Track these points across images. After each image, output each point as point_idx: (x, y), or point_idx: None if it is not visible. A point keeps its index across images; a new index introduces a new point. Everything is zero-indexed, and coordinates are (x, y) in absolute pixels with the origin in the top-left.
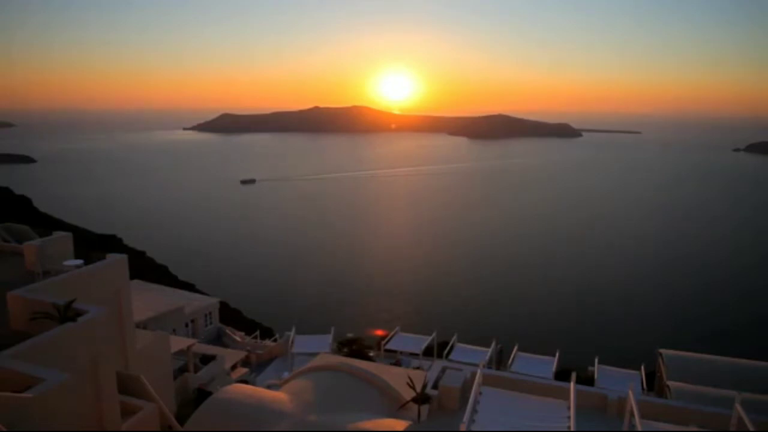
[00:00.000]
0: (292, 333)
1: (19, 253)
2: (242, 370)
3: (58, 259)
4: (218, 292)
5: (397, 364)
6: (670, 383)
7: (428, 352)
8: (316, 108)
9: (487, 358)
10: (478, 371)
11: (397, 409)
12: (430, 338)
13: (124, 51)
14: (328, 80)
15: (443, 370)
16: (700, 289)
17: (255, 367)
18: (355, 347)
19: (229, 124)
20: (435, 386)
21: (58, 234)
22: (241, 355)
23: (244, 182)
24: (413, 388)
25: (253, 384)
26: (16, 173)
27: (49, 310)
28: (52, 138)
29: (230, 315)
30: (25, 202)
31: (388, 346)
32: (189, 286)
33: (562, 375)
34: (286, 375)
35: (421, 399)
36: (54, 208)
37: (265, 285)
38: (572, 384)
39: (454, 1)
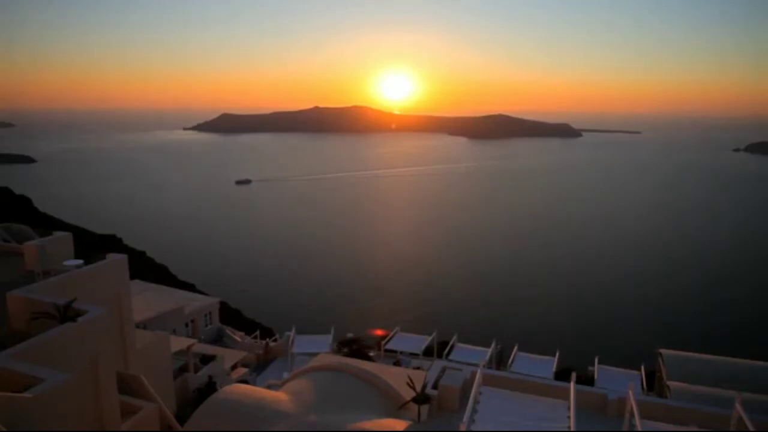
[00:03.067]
0: (292, 333)
1: (19, 253)
2: (242, 370)
3: (58, 259)
4: (218, 292)
5: (398, 364)
6: (670, 383)
7: (428, 352)
8: (317, 108)
9: (487, 358)
10: (478, 371)
11: (397, 409)
12: (430, 338)
13: (124, 51)
14: (328, 80)
15: (443, 370)
16: (700, 289)
17: (256, 367)
18: (355, 347)
19: (229, 124)
20: (435, 386)
21: (58, 234)
22: (241, 354)
23: (239, 183)
24: (413, 388)
25: (253, 384)
26: (16, 173)
27: (49, 310)
28: (52, 138)
29: (230, 315)
30: (25, 202)
31: (388, 346)
32: (189, 286)
33: (562, 375)
34: (286, 375)
35: (421, 399)
36: (54, 208)
37: (265, 285)
38: (572, 384)
39: (455, 1)
